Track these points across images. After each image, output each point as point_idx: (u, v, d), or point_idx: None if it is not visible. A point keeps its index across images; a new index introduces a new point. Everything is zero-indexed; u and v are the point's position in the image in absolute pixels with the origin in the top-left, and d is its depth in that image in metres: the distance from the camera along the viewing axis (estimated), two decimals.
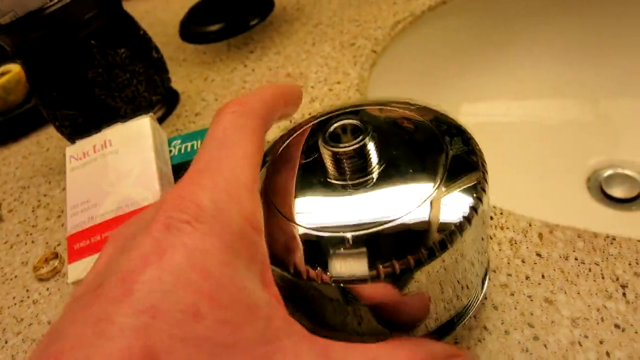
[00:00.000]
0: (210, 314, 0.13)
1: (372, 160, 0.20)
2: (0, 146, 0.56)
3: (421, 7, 0.54)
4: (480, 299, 0.23)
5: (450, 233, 0.18)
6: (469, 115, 0.54)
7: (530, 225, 0.27)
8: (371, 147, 0.20)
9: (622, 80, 0.54)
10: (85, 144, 0.35)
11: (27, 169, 0.50)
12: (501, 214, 0.28)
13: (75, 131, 0.43)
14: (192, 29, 0.64)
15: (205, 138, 0.18)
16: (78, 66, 0.41)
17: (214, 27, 0.62)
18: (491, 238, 0.27)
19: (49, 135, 0.55)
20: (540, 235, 0.27)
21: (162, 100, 0.48)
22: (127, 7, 0.53)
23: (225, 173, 0.16)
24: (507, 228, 0.27)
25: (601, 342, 0.22)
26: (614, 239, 0.26)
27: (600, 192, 0.50)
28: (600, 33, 0.55)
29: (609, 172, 0.51)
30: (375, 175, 0.20)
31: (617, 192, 0.50)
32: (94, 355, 0.12)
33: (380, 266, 0.17)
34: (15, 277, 0.37)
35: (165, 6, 0.78)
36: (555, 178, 0.50)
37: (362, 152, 0.19)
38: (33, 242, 0.40)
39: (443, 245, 0.18)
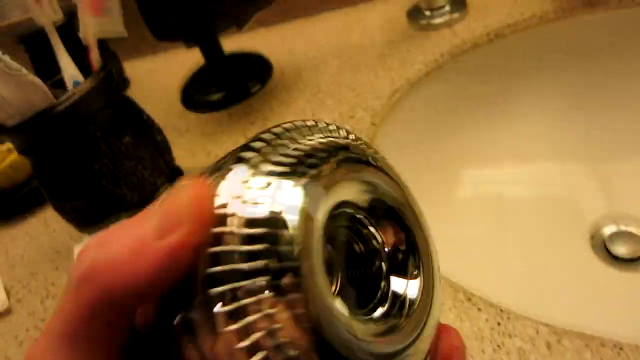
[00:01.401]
0: None
1: None
2: (7, 225, 0.57)
3: (417, 73, 0.55)
4: None
5: None
6: (469, 182, 0.54)
7: (537, 332, 0.28)
8: None
9: (620, 137, 0.54)
10: None
11: (35, 251, 0.51)
12: (508, 318, 0.29)
13: (82, 221, 0.44)
14: (193, 97, 0.66)
15: None
16: (84, 159, 0.42)
17: (215, 97, 0.63)
18: (499, 347, 0.27)
19: (56, 214, 0.55)
20: (548, 345, 0.27)
21: (166, 181, 0.49)
22: (129, 67, 0.53)
23: None
24: (515, 336, 0.28)
25: None
26: (621, 348, 0.26)
27: (605, 250, 0.50)
28: (595, 90, 0.56)
29: (612, 229, 0.51)
30: None
31: (622, 250, 0.50)
32: None
33: None
34: None
35: (166, 68, 0.79)
36: (559, 238, 0.50)
37: None
38: None
39: None
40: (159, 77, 0.77)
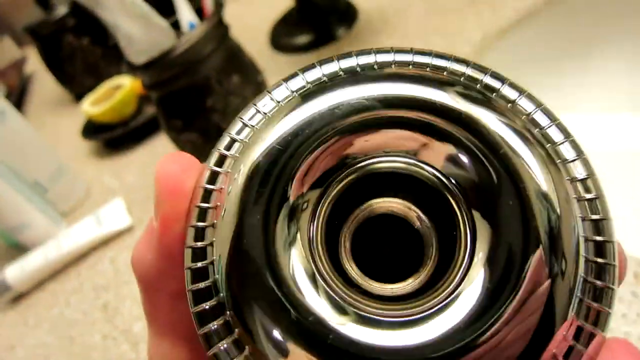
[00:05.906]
0: None
1: None
2: (119, 154, 0.64)
3: (507, 20, 0.55)
4: None
5: None
6: None
7: None
8: None
9: None
10: None
11: (147, 179, 0.57)
12: None
13: (195, 153, 0.49)
14: (282, 40, 0.69)
15: None
16: (199, 96, 0.47)
17: (303, 40, 0.66)
18: None
19: (162, 144, 0.61)
20: (636, 275, 0.30)
21: None
22: None
23: None
24: None
25: None
26: None
27: None
28: None
29: None
30: None
31: None
32: None
33: None
34: None
35: (252, 11, 0.82)
36: (637, 191, 0.51)
37: None
38: None
39: None
40: (246, 21, 0.81)
